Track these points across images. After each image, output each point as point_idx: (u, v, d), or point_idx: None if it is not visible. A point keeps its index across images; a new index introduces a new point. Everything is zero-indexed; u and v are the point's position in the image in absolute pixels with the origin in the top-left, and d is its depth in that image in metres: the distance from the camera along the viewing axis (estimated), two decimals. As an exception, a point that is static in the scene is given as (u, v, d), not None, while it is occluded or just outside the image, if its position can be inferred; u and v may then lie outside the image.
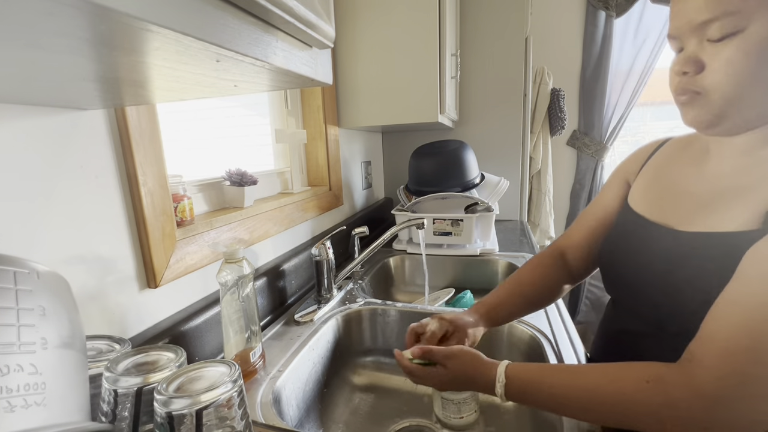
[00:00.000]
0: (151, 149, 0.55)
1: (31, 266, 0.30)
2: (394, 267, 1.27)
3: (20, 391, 0.26)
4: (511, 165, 1.67)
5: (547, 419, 0.61)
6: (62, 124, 0.46)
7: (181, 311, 0.63)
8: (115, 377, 0.37)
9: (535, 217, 2.01)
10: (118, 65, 0.27)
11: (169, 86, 0.36)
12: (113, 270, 0.52)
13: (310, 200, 1.04)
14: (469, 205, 1.30)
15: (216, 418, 0.34)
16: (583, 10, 1.94)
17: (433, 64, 1.13)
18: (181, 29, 0.21)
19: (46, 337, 0.28)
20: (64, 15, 0.17)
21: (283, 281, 0.88)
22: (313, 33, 0.32)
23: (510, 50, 1.56)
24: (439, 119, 1.20)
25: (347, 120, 1.24)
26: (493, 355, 0.79)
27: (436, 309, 0.84)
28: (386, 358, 0.87)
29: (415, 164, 1.34)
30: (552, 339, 0.71)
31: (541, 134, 1.93)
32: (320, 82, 0.38)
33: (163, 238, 0.58)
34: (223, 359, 0.40)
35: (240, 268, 0.59)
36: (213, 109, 0.95)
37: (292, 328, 0.78)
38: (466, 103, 1.65)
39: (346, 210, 1.33)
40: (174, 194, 0.64)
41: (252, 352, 0.61)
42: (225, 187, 0.81)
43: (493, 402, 0.76)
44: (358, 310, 0.87)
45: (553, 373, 0.46)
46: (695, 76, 0.42)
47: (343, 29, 1.17)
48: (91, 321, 0.49)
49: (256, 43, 0.27)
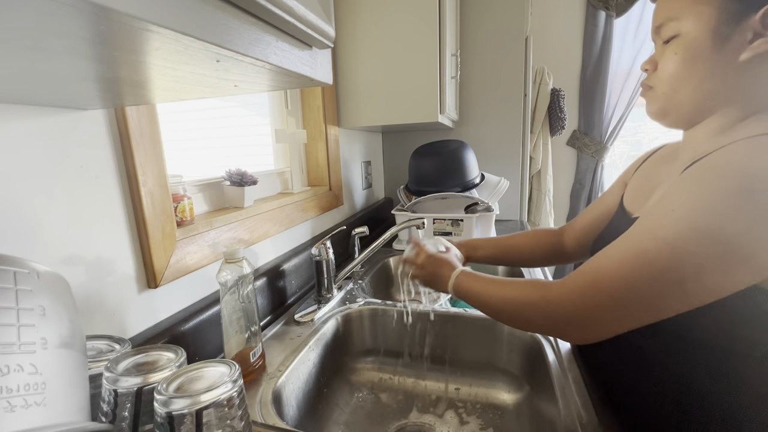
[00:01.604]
0: (151, 149, 0.55)
1: (31, 266, 0.30)
2: (394, 267, 1.27)
3: (20, 391, 0.26)
4: (511, 165, 1.67)
5: (547, 419, 0.62)
6: (62, 124, 0.46)
7: (181, 311, 0.63)
8: (115, 377, 0.37)
9: (535, 217, 2.01)
10: (118, 65, 0.27)
11: (169, 86, 0.36)
12: (113, 270, 0.52)
13: (310, 200, 1.04)
14: (469, 205, 1.30)
15: (216, 418, 0.34)
16: (583, 10, 1.94)
17: (433, 64, 1.13)
18: (181, 29, 0.21)
19: (46, 337, 0.28)
20: (64, 15, 0.17)
21: (283, 281, 0.88)
22: (313, 33, 0.32)
23: (510, 50, 1.56)
24: (439, 119, 1.20)
25: (347, 120, 1.24)
26: (494, 355, 0.79)
27: (436, 309, 0.84)
28: (386, 358, 0.87)
29: (415, 164, 1.34)
30: (552, 339, 0.71)
31: (541, 134, 1.93)
32: (320, 82, 0.38)
33: (163, 238, 0.58)
34: (223, 359, 0.40)
35: (240, 268, 0.59)
36: (213, 109, 0.95)
37: (292, 328, 0.78)
38: (466, 103, 1.65)
39: (346, 210, 1.33)
40: (174, 194, 0.64)
41: (252, 352, 0.61)
42: (225, 187, 0.81)
43: (493, 402, 0.76)
44: (358, 310, 0.87)
45: (485, 285, 0.59)
46: (652, 74, 0.50)
47: (343, 29, 1.17)
48: (91, 321, 0.49)
49: (256, 43, 0.27)
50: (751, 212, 0.36)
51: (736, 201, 0.36)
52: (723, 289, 0.38)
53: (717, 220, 0.37)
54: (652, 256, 0.40)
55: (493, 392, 0.78)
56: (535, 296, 0.50)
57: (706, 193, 0.38)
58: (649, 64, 0.50)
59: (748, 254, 0.36)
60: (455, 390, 0.80)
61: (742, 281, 0.37)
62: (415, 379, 0.83)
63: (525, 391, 0.74)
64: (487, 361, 0.80)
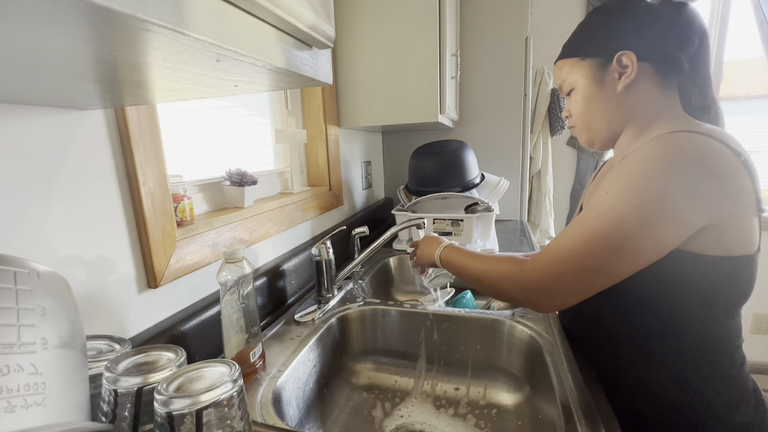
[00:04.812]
0: (151, 149, 0.55)
1: (31, 266, 0.30)
2: (394, 267, 1.27)
3: (20, 391, 0.26)
4: (511, 165, 1.67)
5: (547, 419, 0.62)
6: (62, 124, 0.46)
7: (181, 311, 0.63)
8: (115, 377, 0.37)
9: (535, 217, 2.01)
10: (118, 65, 0.27)
11: (169, 86, 0.36)
12: (113, 270, 0.52)
13: (310, 200, 1.04)
14: (469, 205, 1.30)
15: (216, 418, 0.34)
16: (583, 10, 1.94)
17: (433, 64, 1.13)
18: (182, 29, 0.21)
19: (46, 337, 0.28)
20: (64, 15, 0.17)
21: (283, 281, 0.88)
22: (313, 33, 0.32)
23: (510, 50, 1.56)
24: (439, 119, 1.20)
25: (347, 120, 1.24)
26: (494, 355, 0.79)
27: (436, 309, 0.84)
28: (386, 358, 0.87)
29: (415, 164, 1.34)
30: (551, 340, 0.71)
31: (541, 134, 1.92)
32: (320, 82, 0.38)
33: (163, 238, 0.58)
34: (223, 359, 0.40)
35: (240, 268, 0.59)
36: (213, 109, 0.95)
37: (292, 328, 0.78)
38: (466, 103, 1.65)
39: (346, 210, 1.33)
40: (174, 194, 0.64)
41: (252, 352, 0.61)
42: (225, 187, 0.81)
43: (493, 402, 0.76)
44: (358, 310, 0.87)
45: (468, 257, 0.70)
46: (570, 118, 0.68)
47: (343, 29, 1.17)
48: (91, 321, 0.49)
49: (256, 43, 0.27)
50: (655, 185, 0.48)
51: (644, 180, 0.49)
52: (656, 249, 0.50)
53: (633, 195, 0.49)
54: (594, 228, 0.51)
55: (493, 392, 0.78)
56: (510, 269, 0.60)
57: (625, 177, 0.51)
58: (566, 112, 0.69)
59: (661, 217, 0.48)
60: (455, 390, 0.80)
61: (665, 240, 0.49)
62: (415, 379, 0.83)
63: (525, 391, 0.74)
64: (487, 361, 0.80)
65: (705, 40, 0.56)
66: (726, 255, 0.50)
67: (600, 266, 0.51)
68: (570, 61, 0.64)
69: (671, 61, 0.57)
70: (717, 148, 0.48)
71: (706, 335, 0.54)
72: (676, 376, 0.56)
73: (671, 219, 0.48)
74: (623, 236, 0.49)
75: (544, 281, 0.55)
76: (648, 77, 0.58)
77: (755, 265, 0.52)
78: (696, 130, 0.52)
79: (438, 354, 0.84)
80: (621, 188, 0.51)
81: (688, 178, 0.47)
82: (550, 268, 0.54)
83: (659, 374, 0.57)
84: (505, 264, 0.62)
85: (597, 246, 0.50)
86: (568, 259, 0.53)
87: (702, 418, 0.55)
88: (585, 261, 0.51)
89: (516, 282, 0.59)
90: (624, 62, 0.58)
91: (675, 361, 0.56)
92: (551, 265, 0.54)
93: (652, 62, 0.57)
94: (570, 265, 0.52)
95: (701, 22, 0.56)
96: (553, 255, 0.55)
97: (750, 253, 0.51)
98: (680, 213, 0.48)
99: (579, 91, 0.64)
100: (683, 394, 0.56)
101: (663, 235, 0.49)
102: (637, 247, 0.49)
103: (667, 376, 0.57)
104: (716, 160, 0.48)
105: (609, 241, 0.50)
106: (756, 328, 2.05)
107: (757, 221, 0.52)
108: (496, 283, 0.62)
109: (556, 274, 0.54)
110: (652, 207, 0.48)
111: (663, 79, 0.58)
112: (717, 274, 0.51)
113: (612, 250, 0.50)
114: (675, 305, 0.54)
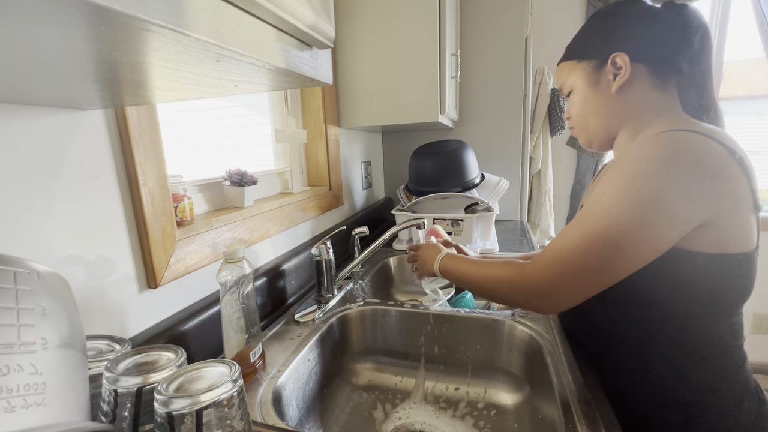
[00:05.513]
0: (151, 149, 0.55)
1: (31, 266, 0.30)
2: (394, 267, 1.27)
3: (20, 391, 0.25)
4: (511, 165, 1.67)
5: (547, 419, 0.62)
6: (62, 124, 0.46)
7: (181, 311, 0.63)
8: (115, 377, 0.37)
9: (535, 217, 2.01)
10: (118, 65, 0.27)
11: (169, 86, 0.36)
12: (113, 270, 0.52)
13: (310, 200, 1.04)
14: (469, 205, 1.30)
15: (216, 418, 0.34)
16: (583, 10, 1.94)
17: (433, 64, 1.13)
18: (182, 29, 0.21)
19: (46, 337, 0.28)
20: (64, 15, 0.17)
21: (283, 281, 0.88)
22: (313, 33, 0.32)
23: (510, 50, 1.56)
24: (439, 119, 1.20)
25: (347, 120, 1.24)
26: (494, 355, 0.79)
27: (436, 309, 0.84)
28: (386, 358, 0.87)
29: (415, 164, 1.34)
30: (551, 340, 0.71)
31: (541, 134, 1.92)
32: (320, 82, 0.38)
33: (163, 238, 0.58)
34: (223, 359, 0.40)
35: (240, 268, 0.59)
36: (213, 109, 0.95)
37: (292, 328, 0.78)
38: (466, 103, 1.65)
39: (346, 210, 1.33)
40: (174, 194, 0.64)
41: (252, 352, 0.61)
42: (225, 187, 0.81)
43: (493, 402, 0.76)
44: (358, 310, 0.87)
45: (467, 265, 0.70)
46: (569, 119, 0.69)
47: (343, 29, 1.17)
48: (91, 321, 0.49)
49: (256, 43, 0.27)
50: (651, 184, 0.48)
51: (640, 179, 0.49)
52: (653, 247, 0.50)
53: (629, 194, 0.49)
54: (591, 228, 0.51)
55: (493, 392, 0.78)
56: (510, 274, 0.60)
57: (621, 176, 0.52)
58: (567, 113, 0.70)
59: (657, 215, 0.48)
60: (455, 390, 0.80)
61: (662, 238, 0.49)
62: (415, 379, 0.83)
63: (525, 391, 0.74)
64: (487, 361, 0.80)
65: (706, 40, 0.56)
66: (724, 252, 0.50)
67: (598, 266, 0.51)
68: (569, 64, 0.66)
69: (668, 63, 0.57)
70: (712, 147, 0.49)
71: (707, 334, 0.54)
72: (677, 376, 0.56)
73: (667, 217, 0.48)
74: (620, 235, 0.49)
75: (544, 283, 0.55)
76: (644, 78, 0.59)
77: (754, 263, 0.53)
78: (691, 128, 0.52)
79: (438, 354, 0.84)
80: (617, 187, 0.51)
81: (683, 176, 0.48)
82: (549, 270, 0.55)
83: (660, 374, 0.57)
84: (504, 269, 0.62)
85: (594, 245, 0.51)
86: (566, 259, 0.53)
87: (703, 417, 0.55)
88: (583, 261, 0.52)
89: (516, 286, 0.59)
90: (618, 64, 0.59)
91: (676, 360, 0.56)
92: (550, 267, 0.55)
93: (648, 64, 0.58)
94: (569, 266, 0.53)
95: (701, 22, 0.56)
96: (552, 257, 0.55)
97: (748, 250, 0.51)
98: (676, 211, 0.48)
99: (577, 93, 0.65)
100: (684, 393, 0.56)
101: (660, 233, 0.49)
102: (634, 246, 0.49)
103: (668, 375, 0.57)
104: (711, 158, 0.48)
105: (606, 240, 0.50)
106: (756, 328, 2.05)
107: (755, 219, 0.52)
108: (497, 288, 0.62)
109: (555, 276, 0.54)
110: (649, 206, 0.48)
111: (660, 80, 0.58)
112: (716, 272, 0.51)
113: (609, 250, 0.50)
114: (675, 304, 0.54)
